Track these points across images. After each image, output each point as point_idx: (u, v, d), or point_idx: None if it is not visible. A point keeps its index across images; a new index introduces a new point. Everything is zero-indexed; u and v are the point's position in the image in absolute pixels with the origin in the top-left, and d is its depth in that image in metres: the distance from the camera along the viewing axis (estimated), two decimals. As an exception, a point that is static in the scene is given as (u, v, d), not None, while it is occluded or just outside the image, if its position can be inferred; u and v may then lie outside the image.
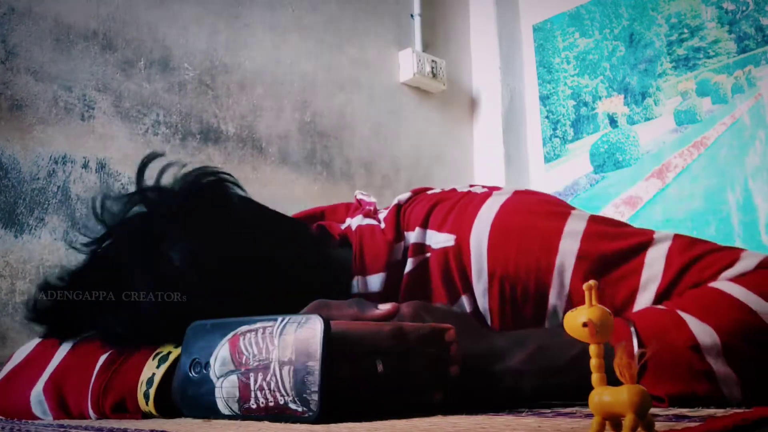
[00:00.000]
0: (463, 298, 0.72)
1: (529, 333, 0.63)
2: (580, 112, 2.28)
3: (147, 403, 0.60)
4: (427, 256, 0.74)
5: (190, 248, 0.64)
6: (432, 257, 0.73)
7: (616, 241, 0.67)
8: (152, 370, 0.60)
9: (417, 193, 0.80)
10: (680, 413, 0.42)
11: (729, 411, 0.41)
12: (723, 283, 0.62)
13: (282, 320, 0.50)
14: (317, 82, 1.93)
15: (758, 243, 1.83)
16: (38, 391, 0.68)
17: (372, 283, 0.74)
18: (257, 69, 1.80)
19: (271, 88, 1.82)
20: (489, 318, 0.71)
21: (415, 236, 0.74)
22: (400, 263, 0.74)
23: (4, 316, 1.27)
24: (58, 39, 1.45)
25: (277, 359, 0.49)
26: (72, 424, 0.60)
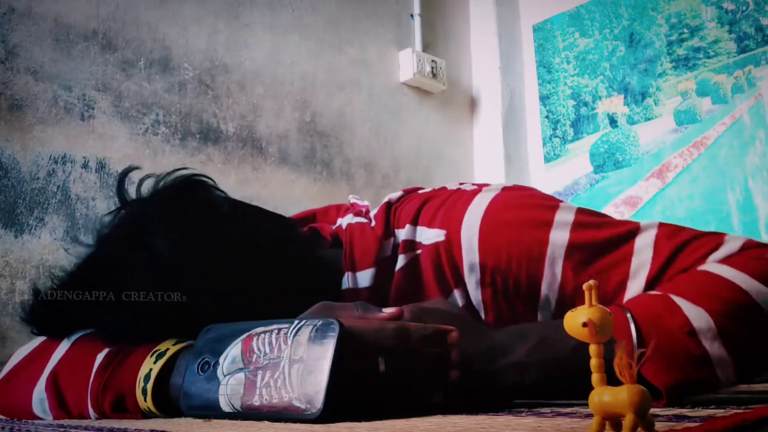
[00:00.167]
0: (456, 293, 0.72)
1: (528, 327, 0.63)
2: (580, 112, 2.28)
3: (145, 399, 0.60)
4: (417, 252, 0.74)
5: (173, 239, 0.65)
6: (423, 253, 0.74)
7: (605, 230, 0.68)
8: (150, 366, 0.61)
9: (408, 193, 0.81)
10: (680, 413, 0.42)
11: (729, 411, 0.41)
12: (712, 266, 0.63)
13: (298, 322, 0.51)
14: (317, 82, 1.93)
15: (758, 243, 1.83)
16: (40, 389, 0.68)
17: (362, 279, 0.75)
18: (257, 69, 1.80)
19: (271, 88, 1.82)
20: (482, 310, 0.72)
21: (406, 233, 0.75)
22: (389, 259, 0.76)
23: (4, 316, 1.27)
24: (58, 39, 1.45)
25: (288, 357, 0.49)
26: (72, 424, 0.60)
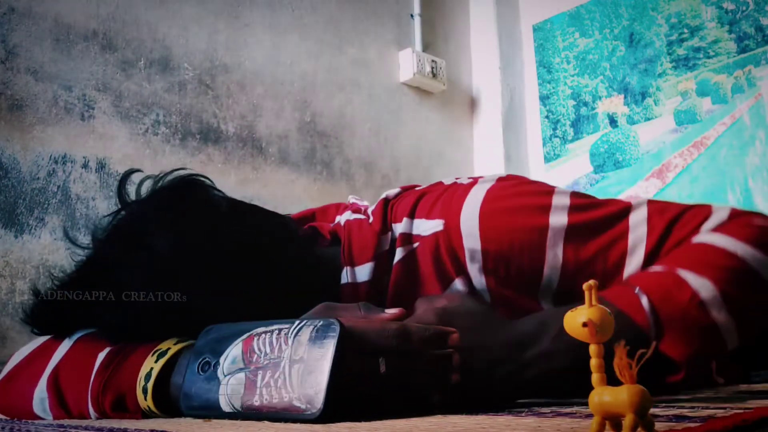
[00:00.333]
0: (457, 282, 0.73)
1: (547, 315, 0.63)
2: (580, 112, 2.28)
3: (145, 398, 0.60)
4: (415, 245, 0.75)
5: (171, 239, 0.66)
6: (421, 245, 0.75)
7: (600, 210, 0.71)
8: (151, 365, 0.61)
9: (406, 190, 0.82)
10: (680, 413, 0.42)
11: (729, 411, 0.41)
12: (706, 236, 0.67)
13: (299, 323, 0.51)
14: (317, 82, 1.93)
15: (758, 243, 1.83)
16: (42, 388, 0.69)
17: (360, 274, 0.76)
18: (257, 69, 1.80)
19: (271, 88, 1.82)
20: (487, 297, 0.72)
21: (403, 227, 0.76)
22: (388, 253, 0.76)
23: (4, 316, 1.27)
24: (58, 39, 1.45)
25: (289, 357, 0.49)
26: (72, 424, 0.60)
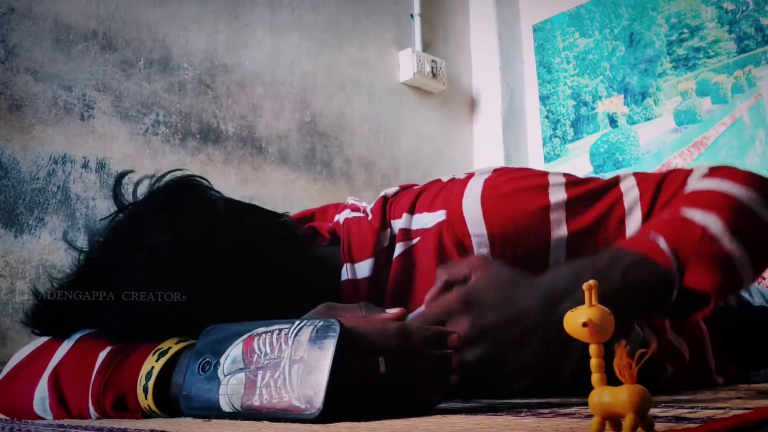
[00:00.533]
0: None
1: (574, 266, 0.64)
2: (580, 112, 2.28)
3: (146, 397, 0.60)
4: (414, 242, 0.76)
5: (168, 240, 0.66)
6: (422, 239, 0.76)
7: (593, 182, 0.75)
8: (152, 365, 0.61)
9: (404, 188, 0.83)
10: (680, 414, 0.42)
11: (728, 412, 0.41)
12: (697, 183, 0.70)
13: (299, 323, 0.51)
14: (317, 82, 1.93)
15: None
16: (42, 387, 0.69)
17: (360, 270, 0.77)
18: (257, 69, 1.80)
19: (271, 88, 1.82)
20: None
21: (402, 222, 0.77)
22: (387, 249, 0.77)
23: (4, 316, 1.27)
24: (58, 39, 1.45)
25: (289, 357, 0.49)
26: (72, 424, 0.60)
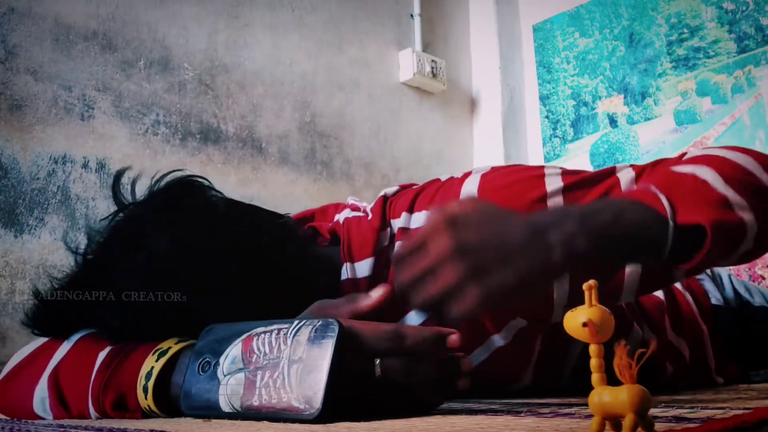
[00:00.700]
0: None
1: (566, 206, 0.66)
2: (580, 112, 2.28)
3: (146, 397, 0.60)
4: None
5: (168, 240, 0.66)
6: None
7: (589, 172, 0.76)
8: (152, 364, 0.61)
9: (404, 188, 0.83)
10: (680, 414, 0.42)
11: (728, 412, 0.41)
12: (690, 156, 0.71)
13: (298, 323, 0.51)
14: (317, 82, 1.93)
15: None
16: (42, 387, 0.69)
17: (360, 269, 0.77)
18: (257, 69, 1.80)
19: (271, 88, 1.82)
20: None
21: (402, 221, 0.77)
22: (387, 249, 0.77)
23: (4, 316, 1.27)
24: (58, 39, 1.45)
25: (288, 357, 0.49)
26: (72, 424, 0.60)
